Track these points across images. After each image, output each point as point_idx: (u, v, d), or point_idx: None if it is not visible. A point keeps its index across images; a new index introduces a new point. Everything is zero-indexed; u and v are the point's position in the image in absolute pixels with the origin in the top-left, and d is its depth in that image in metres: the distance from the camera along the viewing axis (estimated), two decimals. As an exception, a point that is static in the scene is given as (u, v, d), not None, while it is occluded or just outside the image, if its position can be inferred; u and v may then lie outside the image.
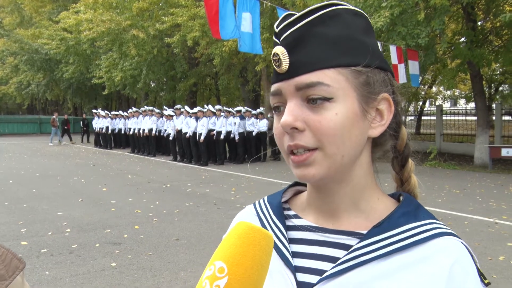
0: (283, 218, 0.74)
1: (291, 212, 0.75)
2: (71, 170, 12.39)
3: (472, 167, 12.94)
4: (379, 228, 0.65)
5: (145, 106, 19.23)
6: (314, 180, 0.64)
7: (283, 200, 0.78)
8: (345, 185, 0.67)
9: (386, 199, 0.71)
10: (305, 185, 0.78)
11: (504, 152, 12.32)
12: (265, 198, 0.81)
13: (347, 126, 0.62)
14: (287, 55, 0.63)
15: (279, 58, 0.64)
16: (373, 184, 0.71)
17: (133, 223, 6.34)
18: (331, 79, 0.61)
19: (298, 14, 0.64)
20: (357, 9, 0.66)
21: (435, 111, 19.31)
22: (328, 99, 0.61)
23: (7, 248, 0.85)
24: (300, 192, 0.80)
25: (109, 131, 20.53)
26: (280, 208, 0.76)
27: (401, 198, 0.71)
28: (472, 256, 0.63)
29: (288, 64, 0.63)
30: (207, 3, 6.14)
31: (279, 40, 0.65)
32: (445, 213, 6.83)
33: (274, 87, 0.66)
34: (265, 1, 7.24)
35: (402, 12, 10.41)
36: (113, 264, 4.61)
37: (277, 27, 0.66)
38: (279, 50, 0.64)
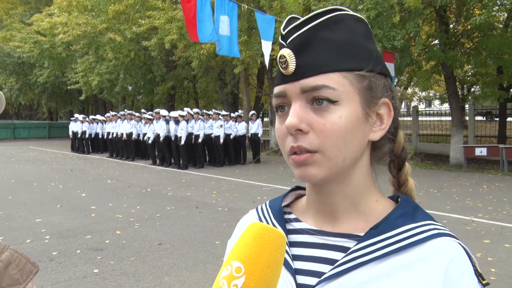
0: (283, 221, 0.75)
1: (292, 216, 0.77)
2: (48, 176, 12.14)
3: (448, 167, 13.24)
4: (376, 230, 0.66)
5: (125, 110, 18.98)
6: (314, 180, 0.66)
7: (284, 204, 0.80)
8: (345, 186, 0.69)
9: (385, 201, 0.73)
10: (305, 189, 0.80)
11: (478, 151, 12.67)
12: (267, 202, 0.82)
13: (350, 129, 0.64)
14: (293, 57, 0.64)
15: (286, 60, 0.65)
16: (372, 186, 0.72)
17: (115, 228, 6.26)
18: (336, 82, 0.63)
19: (303, 18, 0.65)
20: (359, 15, 0.68)
21: (411, 112, 19.68)
22: (333, 102, 0.63)
23: (20, 253, 0.85)
24: (301, 196, 0.82)
25: (87, 136, 20.19)
26: (280, 212, 0.77)
27: (399, 199, 0.72)
28: (470, 256, 0.64)
29: (294, 66, 0.64)
30: (185, 6, 6.12)
31: (285, 43, 0.66)
32: (423, 212, 6.96)
33: (278, 88, 0.67)
34: (242, 4, 7.27)
35: (378, 14, 10.60)
36: (96, 271, 4.56)
37: (283, 30, 0.67)
38: (286, 52, 0.65)
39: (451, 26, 14.67)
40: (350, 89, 0.64)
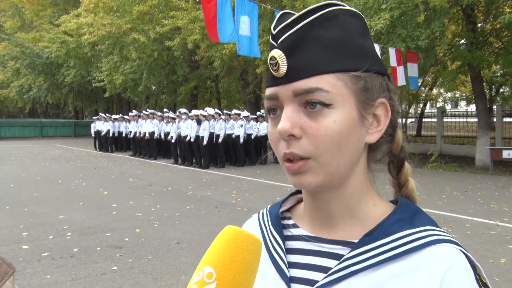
0: (280, 228, 0.73)
1: (291, 222, 0.75)
2: (72, 174, 12.40)
3: (473, 169, 12.92)
4: (370, 237, 0.63)
5: (147, 109, 19.25)
6: (309, 187, 0.63)
7: (284, 208, 0.78)
8: (341, 192, 0.66)
9: (383, 205, 0.69)
10: None
11: (506, 154, 12.30)
12: (268, 207, 0.80)
13: (344, 134, 0.61)
14: (285, 58, 0.61)
15: (277, 62, 0.61)
16: (369, 190, 0.69)
17: (134, 226, 6.34)
18: (330, 84, 0.60)
19: (295, 15, 0.62)
20: (354, 9, 0.64)
21: (435, 113, 19.30)
22: (326, 105, 0.60)
23: None
24: (301, 200, 0.79)
25: (110, 134, 20.56)
26: (278, 218, 0.75)
27: (398, 203, 0.69)
28: (472, 265, 0.60)
29: (286, 68, 0.61)
30: (205, 6, 6.15)
31: (276, 43, 0.63)
32: (446, 216, 6.82)
33: (270, 90, 0.64)
34: (263, 5, 7.25)
35: (402, 14, 10.43)
36: (114, 268, 4.62)
37: (274, 29, 0.64)
38: (277, 53, 0.62)
39: (479, 25, 14.31)
40: (344, 91, 0.61)
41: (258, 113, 15.66)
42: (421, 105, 26.39)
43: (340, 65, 0.61)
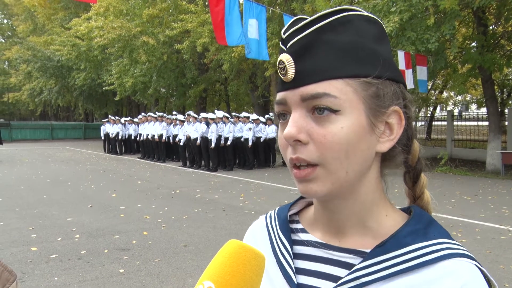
0: (289, 233, 0.72)
1: (299, 226, 0.74)
2: (82, 176, 12.49)
3: (484, 173, 12.77)
4: (382, 248, 0.61)
5: (155, 112, 19.34)
6: (317, 196, 0.62)
7: (292, 212, 0.77)
8: (352, 202, 0.65)
9: (396, 215, 0.68)
10: None
11: (517, 158, 12.16)
12: (276, 209, 0.79)
13: (352, 141, 0.59)
14: (293, 63, 0.60)
15: (285, 66, 0.61)
16: (382, 200, 0.67)
17: (142, 229, 6.35)
18: (338, 90, 0.59)
19: (307, 20, 0.61)
20: (371, 15, 0.63)
21: (446, 116, 19.13)
22: (334, 111, 0.59)
23: None
24: (310, 204, 0.78)
25: (120, 137, 20.69)
26: (286, 222, 0.74)
27: (411, 214, 0.67)
28: (488, 280, 0.58)
29: (294, 73, 0.60)
30: (213, 9, 6.16)
31: (285, 47, 0.62)
32: (456, 220, 6.74)
33: (279, 95, 0.64)
34: (271, 8, 7.24)
35: (412, 17, 10.35)
36: (121, 270, 4.63)
37: (284, 33, 0.63)
38: (285, 58, 0.61)
39: (490, 27, 14.18)
40: (353, 97, 0.60)
41: (266, 116, 15.65)
42: (431, 108, 26.18)
43: (350, 71, 0.60)
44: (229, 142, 14.15)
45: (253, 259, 0.53)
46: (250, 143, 14.22)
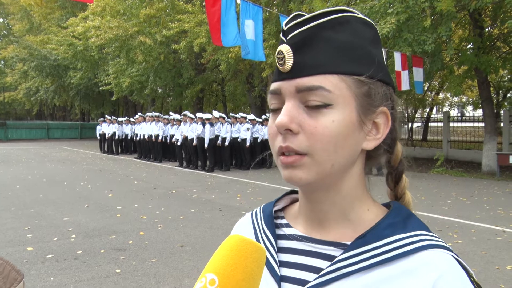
0: (273, 227, 0.74)
1: (284, 221, 0.75)
2: (78, 176, 12.46)
3: (480, 174, 12.83)
4: (363, 240, 0.63)
5: (152, 112, 19.31)
6: (300, 183, 0.64)
7: (277, 208, 0.78)
8: (334, 194, 0.67)
9: (377, 209, 0.69)
10: None
11: (513, 159, 12.21)
12: (262, 206, 0.81)
13: (342, 135, 0.61)
14: (291, 54, 0.62)
15: (283, 57, 0.63)
16: (364, 195, 0.69)
17: (138, 229, 6.34)
18: (332, 85, 0.61)
19: (308, 15, 0.63)
20: (367, 19, 0.65)
21: (442, 117, 19.20)
22: (327, 105, 0.61)
23: (5, 260, 0.85)
24: (296, 200, 0.79)
25: (116, 137, 20.64)
26: (271, 217, 0.76)
27: (390, 208, 0.69)
28: (467, 271, 0.60)
29: (291, 64, 0.62)
30: (209, 10, 6.17)
31: (286, 39, 0.64)
32: (451, 221, 6.77)
33: (274, 85, 0.65)
34: (268, 9, 7.26)
35: (409, 18, 10.39)
36: (118, 271, 4.62)
37: (285, 25, 0.65)
38: (284, 48, 0.63)
39: (486, 29, 14.24)
40: (346, 93, 0.62)
41: (263, 116, 15.67)
42: (427, 110, 26.27)
43: (346, 68, 0.62)
44: (226, 143, 14.15)
45: (254, 252, 0.54)
46: (248, 144, 14.21)
